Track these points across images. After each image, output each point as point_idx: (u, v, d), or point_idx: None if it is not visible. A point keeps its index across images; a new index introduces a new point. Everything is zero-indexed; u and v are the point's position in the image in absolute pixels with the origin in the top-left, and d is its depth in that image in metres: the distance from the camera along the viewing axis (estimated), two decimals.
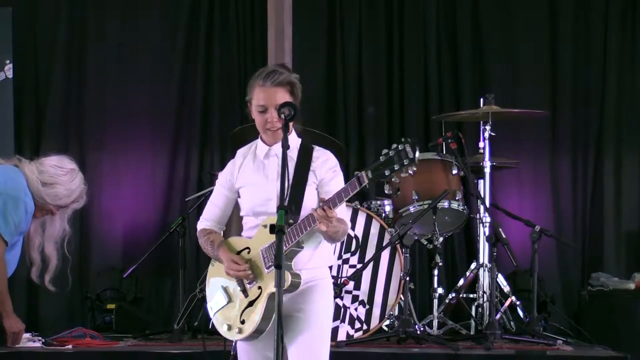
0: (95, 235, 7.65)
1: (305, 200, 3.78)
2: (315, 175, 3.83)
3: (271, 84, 3.81)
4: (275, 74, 3.83)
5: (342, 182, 3.85)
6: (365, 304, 5.96)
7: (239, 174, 3.92)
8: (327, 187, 3.80)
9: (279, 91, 3.80)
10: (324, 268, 3.89)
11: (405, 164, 3.53)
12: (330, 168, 3.86)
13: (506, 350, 5.63)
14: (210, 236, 3.96)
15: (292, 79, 3.85)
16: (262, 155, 3.90)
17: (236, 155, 3.99)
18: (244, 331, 3.80)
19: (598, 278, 6.94)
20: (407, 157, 3.52)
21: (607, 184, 7.48)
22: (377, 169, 3.57)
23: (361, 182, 3.59)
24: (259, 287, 3.78)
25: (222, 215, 4.00)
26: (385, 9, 7.72)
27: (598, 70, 7.56)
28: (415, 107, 7.62)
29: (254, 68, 7.61)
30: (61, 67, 7.75)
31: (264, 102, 3.81)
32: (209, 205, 4.02)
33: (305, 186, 3.80)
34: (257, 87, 3.84)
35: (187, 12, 7.79)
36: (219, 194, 3.99)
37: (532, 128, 7.44)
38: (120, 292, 7.21)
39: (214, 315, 3.97)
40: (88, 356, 5.70)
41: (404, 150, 3.53)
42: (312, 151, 3.88)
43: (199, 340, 6.10)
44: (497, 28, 7.68)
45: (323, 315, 3.83)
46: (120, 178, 7.69)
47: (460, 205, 6.23)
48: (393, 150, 3.56)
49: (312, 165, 3.84)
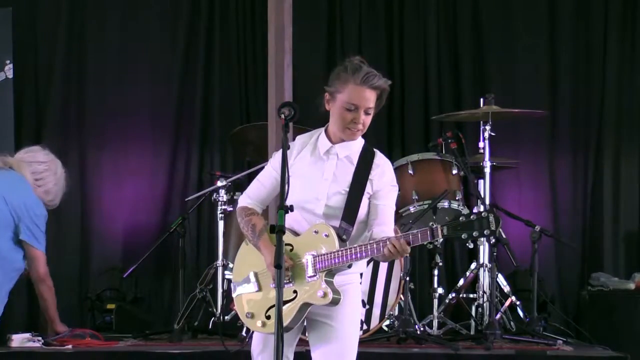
0: (95, 235, 7.65)
1: (360, 212, 3.71)
2: (371, 186, 3.76)
3: (369, 87, 3.74)
4: (374, 77, 3.76)
5: (395, 197, 3.79)
6: (365, 304, 5.95)
7: (295, 162, 3.80)
8: (384, 201, 3.74)
9: (373, 94, 3.75)
10: (355, 274, 3.80)
11: (486, 234, 3.48)
12: (388, 182, 3.80)
13: (506, 350, 5.64)
14: (252, 218, 3.82)
15: (386, 86, 3.79)
16: (322, 150, 3.80)
17: (295, 141, 3.88)
18: (268, 327, 3.71)
19: (598, 278, 6.94)
20: (489, 228, 3.47)
21: (606, 184, 7.48)
22: (455, 229, 3.51)
23: (435, 236, 3.54)
24: (295, 291, 3.69)
25: (267, 197, 3.88)
26: (385, 9, 7.72)
27: (598, 70, 7.56)
28: (415, 107, 7.61)
29: (254, 68, 7.68)
30: (61, 67, 7.75)
31: (357, 102, 3.73)
32: (256, 184, 3.90)
33: (362, 196, 3.73)
34: (352, 84, 3.73)
35: (187, 12, 7.79)
36: (268, 174, 3.86)
37: (532, 128, 7.44)
38: (120, 292, 7.21)
39: (236, 295, 3.85)
40: (88, 356, 5.70)
41: (486, 219, 3.47)
42: (374, 157, 3.82)
43: (199, 340, 6.11)
44: (497, 28, 7.68)
45: (350, 323, 3.75)
46: (120, 178, 7.69)
47: (460, 205, 6.23)
48: (475, 215, 3.50)
49: (371, 175, 3.77)
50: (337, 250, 3.62)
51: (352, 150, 3.79)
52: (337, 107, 3.76)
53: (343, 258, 3.60)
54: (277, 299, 3.37)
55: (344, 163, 3.75)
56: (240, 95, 7.70)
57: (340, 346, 3.71)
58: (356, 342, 3.78)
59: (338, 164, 3.79)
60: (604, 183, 7.48)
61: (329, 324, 3.72)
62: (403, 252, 3.56)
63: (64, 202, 7.57)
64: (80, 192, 7.66)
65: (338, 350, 3.71)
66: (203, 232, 7.56)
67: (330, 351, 3.70)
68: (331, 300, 3.62)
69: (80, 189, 7.66)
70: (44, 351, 5.67)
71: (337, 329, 3.71)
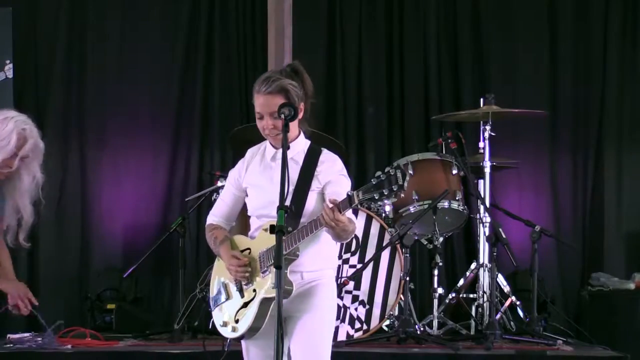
0: (95, 235, 7.64)
1: (307, 207, 3.78)
2: (318, 181, 3.82)
3: (265, 92, 3.79)
4: (268, 80, 3.80)
5: (348, 184, 3.84)
6: (365, 304, 5.96)
7: (246, 174, 3.93)
8: (334, 188, 3.79)
9: (274, 98, 3.78)
10: (326, 270, 3.87)
11: (394, 190, 3.50)
12: (336, 171, 3.85)
13: (506, 350, 5.64)
14: (215, 232, 4.00)
15: (286, 86, 3.80)
16: (269, 157, 3.90)
17: (246, 154, 3.99)
18: (237, 330, 3.83)
19: (598, 278, 6.94)
20: (397, 183, 3.50)
21: (607, 183, 7.48)
22: (368, 191, 3.55)
23: (352, 202, 3.58)
24: (254, 289, 3.80)
25: (230, 213, 4.02)
26: (385, 9, 7.72)
27: (598, 71, 7.56)
28: (415, 107, 7.61)
29: (254, 68, 7.67)
30: (61, 67, 7.74)
31: (259, 109, 3.81)
32: (218, 202, 4.06)
33: (307, 192, 3.80)
34: (255, 93, 3.83)
35: (187, 12, 7.79)
36: (228, 191, 4.01)
37: (532, 128, 7.45)
38: (120, 292, 7.20)
39: (213, 310, 4.01)
40: (88, 356, 5.70)
41: (394, 175, 3.51)
42: (319, 155, 3.87)
43: (199, 340, 6.10)
44: (497, 28, 7.68)
45: (323, 316, 3.82)
46: (120, 178, 7.69)
47: (460, 205, 6.23)
48: (384, 174, 3.53)
49: (317, 170, 3.83)
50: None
51: (297, 151, 3.86)
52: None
53: (287, 246, 3.66)
54: (277, 299, 3.39)
55: (291, 165, 3.78)
56: (240, 95, 7.69)
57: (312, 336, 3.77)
58: (329, 333, 3.84)
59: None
60: (604, 183, 7.48)
61: (300, 317, 3.79)
62: (336, 221, 3.57)
63: (64, 202, 7.66)
64: (80, 192, 7.66)
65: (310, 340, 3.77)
66: (203, 232, 7.51)
67: (303, 342, 3.76)
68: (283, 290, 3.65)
69: (80, 189, 7.67)
70: (44, 351, 5.67)
71: (308, 317, 3.78)
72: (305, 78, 3.90)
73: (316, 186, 3.81)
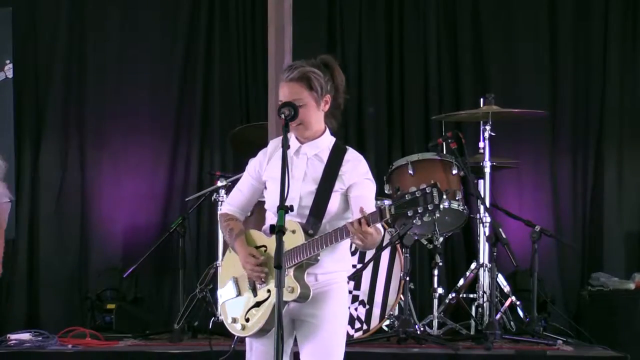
0: (95, 235, 7.65)
1: (330, 208, 3.71)
2: (342, 182, 3.74)
3: (286, 79, 3.73)
4: (291, 68, 3.74)
5: (373, 189, 3.77)
6: (365, 304, 5.96)
7: (268, 166, 3.84)
8: (360, 192, 3.72)
9: (294, 86, 3.72)
10: (340, 273, 3.80)
11: (430, 209, 3.44)
12: (361, 173, 3.77)
13: (506, 350, 5.64)
14: (230, 222, 3.88)
15: (308, 73, 3.73)
16: (292, 152, 3.79)
17: (268, 145, 3.91)
18: (247, 329, 3.76)
19: (598, 278, 6.94)
20: (433, 202, 3.44)
21: (607, 184, 7.47)
22: (401, 206, 3.48)
23: (383, 216, 3.51)
24: (268, 290, 3.72)
25: (246, 203, 3.92)
26: (385, 9, 7.72)
27: (598, 70, 7.56)
28: (415, 107, 7.61)
29: (254, 68, 7.68)
30: (61, 67, 7.74)
31: (281, 98, 3.74)
32: (235, 191, 3.95)
33: (331, 192, 3.72)
34: (281, 82, 3.76)
35: (187, 12, 7.79)
36: (246, 181, 3.91)
37: (532, 128, 7.44)
38: (120, 292, 7.20)
39: (221, 304, 3.92)
40: (88, 356, 5.70)
41: (430, 194, 3.44)
42: (344, 154, 3.80)
43: (199, 340, 6.11)
44: (497, 28, 7.68)
45: (336, 321, 3.75)
46: (120, 178, 7.69)
47: (460, 205, 6.23)
48: (420, 191, 3.46)
49: (341, 170, 3.75)
50: (302, 244, 3.63)
51: (321, 148, 3.80)
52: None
53: (308, 251, 3.61)
54: (277, 299, 3.37)
55: (314, 161, 3.76)
56: (240, 95, 7.70)
57: (326, 342, 3.71)
58: (343, 339, 3.77)
59: (308, 163, 3.79)
60: (604, 183, 7.48)
61: (314, 322, 3.71)
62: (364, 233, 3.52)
63: (64, 202, 7.66)
64: (81, 192, 7.66)
65: (324, 346, 3.71)
66: (203, 232, 7.56)
67: (316, 348, 3.70)
68: (299, 294, 3.62)
69: (80, 189, 7.67)
70: (44, 351, 5.68)
71: (322, 327, 3.71)
72: (336, 72, 3.83)
73: (340, 187, 3.73)
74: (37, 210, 7.66)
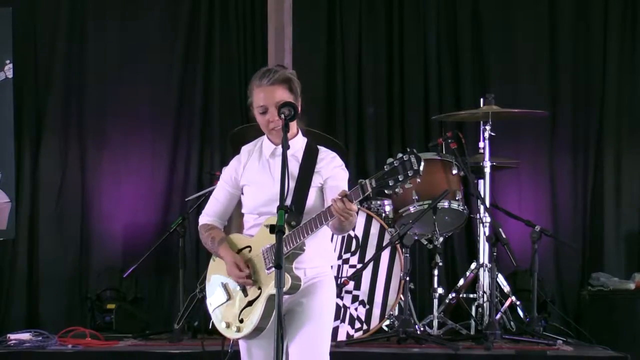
0: (95, 235, 7.65)
1: (308, 203, 3.76)
2: (320, 176, 3.81)
3: (268, 83, 3.80)
4: (270, 72, 3.82)
5: (345, 177, 3.84)
6: (365, 304, 5.96)
7: (244, 172, 3.90)
8: (335, 182, 3.78)
9: (278, 89, 3.79)
10: (325, 266, 3.87)
11: (410, 175, 3.46)
12: (336, 166, 3.84)
13: (506, 350, 5.64)
14: (211, 232, 3.96)
15: (289, 75, 3.84)
16: (268, 154, 3.87)
17: (241, 152, 3.97)
18: (242, 330, 3.79)
19: (598, 278, 6.94)
20: (412, 169, 3.45)
21: (607, 184, 7.48)
22: (382, 178, 3.50)
23: (364, 190, 3.53)
24: (259, 287, 3.77)
25: (224, 211, 3.99)
26: (385, 9, 7.72)
27: (598, 70, 7.56)
28: (415, 107, 7.62)
29: (254, 68, 7.64)
30: (61, 67, 7.74)
31: (263, 102, 3.80)
32: (211, 200, 4.01)
33: (309, 188, 3.78)
34: (256, 88, 3.83)
35: (187, 12, 7.79)
36: (222, 189, 3.98)
37: (532, 128, 7.45)
38: (120, 292, 7.20)
39: (212, 311, 3.96)
40: (88, 356, 5.70)
41: (408, 160, 3.46)
42: (318, 152, 3.86)
43: (199, 340, 6.11)
44: (497, 28, 7.68)
45: (323, 310, 3.80)
46: (120, 178, 7.69)
47: (460, 205, 6.23)
48: (398, 160, 3.48)
49: (317, 167, 3.82)
50: (287, 235, 3.64)
51: (296, 149, 3.85)
52: (255, 114, 3.85)
53: (294, 240, 3.65)
54: (277, 299, 3.38)
55: (291, 161, 3.78)
56: (240, 95, 7.69)
57: (310, 329, 3.74)
58: (329, 326, 3.82)
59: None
60: (604, 183, 7.48)
61: (301, 310, 3.77)
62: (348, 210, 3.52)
63: (64, 202, 7.66)
64: (80, 192, 7.67)
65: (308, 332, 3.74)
66: None
67: (302, 334, 3.74)
68: (290, 285, 3.64)
69: (80, 189, 7.67)
70: (44, 351, 5.68)
71: (310, 314, 3.75)
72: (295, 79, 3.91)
73: (319, 182, 3.80)
74: (37, 210, 7.66)
